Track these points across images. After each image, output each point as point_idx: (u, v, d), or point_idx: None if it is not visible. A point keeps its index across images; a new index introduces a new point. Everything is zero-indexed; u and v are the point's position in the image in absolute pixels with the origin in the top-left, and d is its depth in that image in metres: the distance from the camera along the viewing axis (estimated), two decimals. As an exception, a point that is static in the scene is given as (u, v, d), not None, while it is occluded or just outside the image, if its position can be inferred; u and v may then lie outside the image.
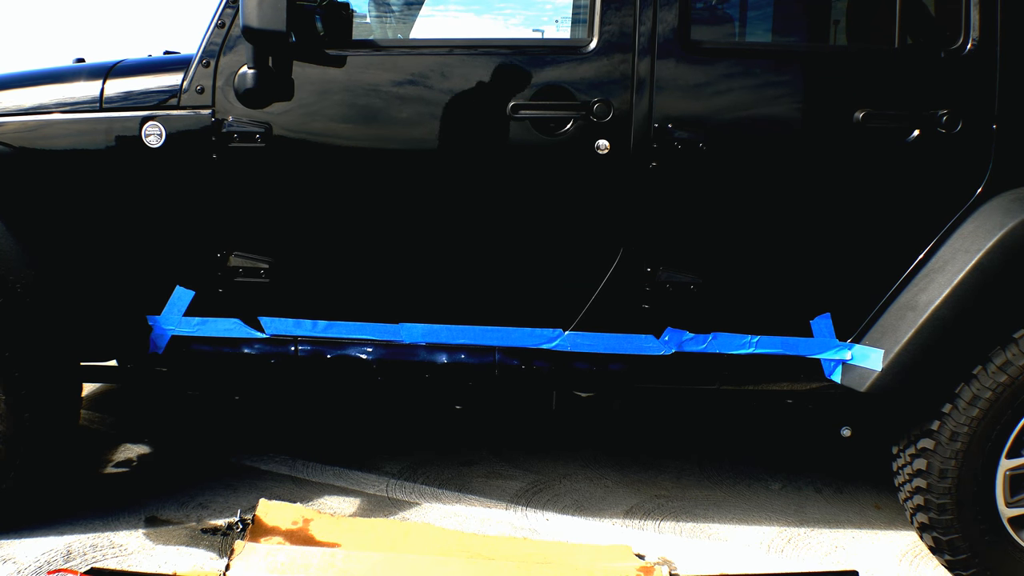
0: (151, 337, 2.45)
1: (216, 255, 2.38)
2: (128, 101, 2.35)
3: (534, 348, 2.39)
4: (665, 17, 2.22)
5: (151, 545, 2.45)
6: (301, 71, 2.28)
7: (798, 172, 2.28)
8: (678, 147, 2.23)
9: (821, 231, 2.30)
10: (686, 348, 2.37)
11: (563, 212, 2.31)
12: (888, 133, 2.22)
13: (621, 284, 2.33)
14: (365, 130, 2.32)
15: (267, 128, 2.29)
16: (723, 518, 2.73)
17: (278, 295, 2.40)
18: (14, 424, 2.33)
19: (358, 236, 2.38)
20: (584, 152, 2.25)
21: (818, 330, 2.34)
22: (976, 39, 2.20)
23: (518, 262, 2.34)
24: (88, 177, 2.36)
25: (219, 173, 2.32)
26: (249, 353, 2.45)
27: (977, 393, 2.18)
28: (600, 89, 2.24)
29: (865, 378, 2.27)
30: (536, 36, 6.11)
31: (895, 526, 2.70)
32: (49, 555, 2.37)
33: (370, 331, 2.41)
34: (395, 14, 3.54)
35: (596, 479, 2.97)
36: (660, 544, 2.56)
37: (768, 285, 2.35)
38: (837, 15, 3.02)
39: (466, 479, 2.94)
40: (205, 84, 2.30)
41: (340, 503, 2.74)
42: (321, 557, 2.29)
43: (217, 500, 2.72)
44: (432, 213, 2.35)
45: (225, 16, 2.28)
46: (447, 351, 2.42)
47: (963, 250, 2.18)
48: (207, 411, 3.43)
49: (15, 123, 2.37)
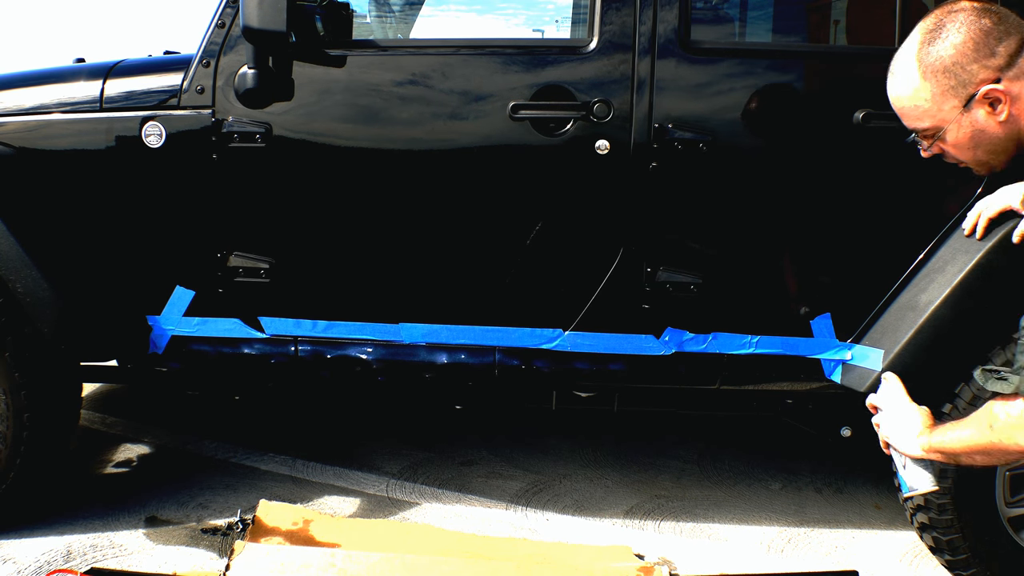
0: (151, 337, 2.45)
1: (216, 255, 2.38)
2: (128, 101, 2.35)
3: (534, 348, 2.39)
4: (665, 17, 2.22)
5: (151, 545, 2.45)
6: (301, 71, 2.28)
7: (798, 172, 2.28)
8: (678, 147, 2.23)
9: (821, 231, 2.30)
10: (686, 348, 2.36)
11: (563, 212, 2.31)
12: (888, 133, 2.22)
13: (621, 284, 2.33)
14: (365, 130, 2.32)
15: (267, 128, 2.29)
16: (723, 518, 2.73)
17: (278, 295, 2.40)
18: (14, 424, 2.33)
19: (358, 236, 2.38)
20: (584, 152, 2.25)
21: (818, 330, 2.34)
22: (976, 39, 2.19)
23: (518, 262, 2.34)
24: (88, 177, 2.36)
25: (219, 173, 2.32)
26: (249, 353, 2.45)
27: (977, 393, 2.18)
28: (600, 89, 2.24)
29: (865, 378, 2.26)
30: (536, 36, 6.11)
31: (895, 526, 2.70)
32: (49, 555, 2.37)
33: (370, 331, 2.41)
34: (395, 14, 3.55)
35: (596, 479, 2.97)
36: (660, 544, 2.56)
37: (768, 285, 2.35)
38: (837, 15, 3.02)
39: (466, 479, 2.94)
40: (205, 84, 2.30)
41: (340, 503, 2.74)
42: (321, 557, 2.29)
43: (217, 500, 2.72)
44: (432, 213, 2.35)
45: (225, 16, 2.28)
46: (447, 351, 2.42)
47: (963, 250, 2.17)
48: (207, 411, 3.43)
49: (15, 123, 2.37)
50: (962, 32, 1.46)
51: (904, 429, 1.72)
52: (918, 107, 1.52)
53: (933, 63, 1.48)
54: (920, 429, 1.69)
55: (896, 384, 1.80)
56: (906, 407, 1.74)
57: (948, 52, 1.47)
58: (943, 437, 1.62)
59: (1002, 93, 1.45)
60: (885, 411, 1.79)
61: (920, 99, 1.51)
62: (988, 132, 1.50)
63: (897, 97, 1.57)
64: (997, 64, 1.45)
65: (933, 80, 1.49)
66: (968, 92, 1.47)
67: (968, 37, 1.45)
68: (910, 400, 1.75)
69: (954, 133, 1.52)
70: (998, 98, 1.46)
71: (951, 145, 1.55)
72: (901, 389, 1.78)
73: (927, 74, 1.49)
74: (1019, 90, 1.46)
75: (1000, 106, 1.47)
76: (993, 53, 1.45)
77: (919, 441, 1.68)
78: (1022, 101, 1.46)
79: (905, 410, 1.74)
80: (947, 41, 1.47)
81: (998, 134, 1.49)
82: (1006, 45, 1.45)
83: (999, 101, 1.46)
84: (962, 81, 1.47)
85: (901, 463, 1.77)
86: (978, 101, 1.47)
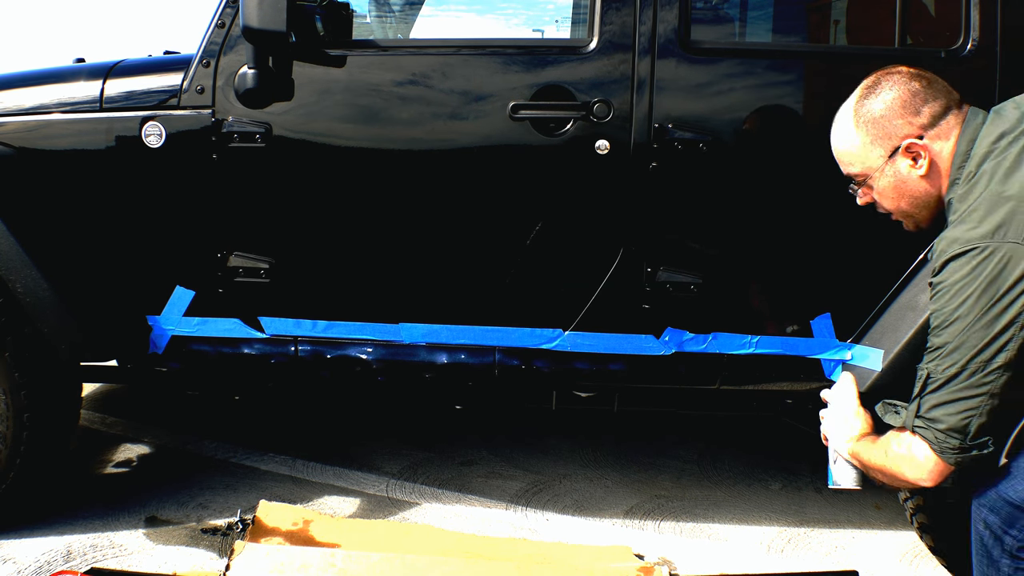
0: (151, 337, 2.45)
1: (216, 255, 2.38)
2: (128, 101, 2.35)
3: (534, 348, 2.39)
4: (665, 17, 2.22)
5: (151, 545, 2.45)
6: (301, 71, 2.28)
7: (798, 172, 2.28)
8: (678, 147, 2.23)
9: (821, 231, 2.30)
10: (686, 348, 2.36)
11: (563, 212, 2.31)
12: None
13: (621, 284, 2.33)
14: (365, 130, 2.32)
15: (267, 128, 2.29)
16: (723, 518, 2.73)
17: (278, 295, 2.40)
18: (14, 424, 2.33)
19: (358, 236, 2.38)
20: (584, 152, 2.25)
21: (818, 330, 2.34)
22: (976, 39, 2.20)
23: (518, 262, 2.34)
24: (88, 177, 2.36)
25: (219, 173, 2.32)
26: (249, 353, 2.45)
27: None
28: (600, 89, 2.24)
29: (865, 378, 2.26)
30: (536, 36, 6.11)
31: (895, 526, 2.70)
32: (49, 555, 2.37)
33: (370, 331, 2.41)
34: (395, 14, 3.54)
35: (596, 479, 2.97)
36: (660, 544, 2.56)
37: (768, 285, 2.35)
38: (837, 15, 3.02)
39: (466, 479, 2.94)
40: (205, 84, 2.30)
41: (340, 503, 2.74)
42: (321, 557, 2.29)
43: (217, 500, 2.72)
44: (432, 213, 2.35)
45: (225, 16, 2.28)
46: (447, 351, 2.42)
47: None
48: (207, 411, 3.43)
49: (15, 123, 2.37)
50: (894, 91, 1.63)
51: (843, 429, 1.82)
52: (850, 152, 1.69)
53: (866, 114, 1.65)
54: (856, 433, 1.79)
55: (850, 385, 1.89)
56: (851, 409, 1.84)
57: (879, 107, 1.63)
58: (862, 448, 1.74)
59: (923, 148, 1.60)
60: (832, 407, 1.88)
61: (852, 145, 1.68)
62: (910, 184, 1.64)
63: (835, 144, 1.73)
64: (921, 123, 1.61)
65: (864, 129, 1.65)
66: (893, 144, 1.63)
67: (898, 95, 1.62)
68: (859, 404, 1.84)
69: (879, 181, 1.67)
70: (920, 152, 1.61)
71: (878, 193, 1.69)
72: (854, 391, 1.87)
73: (859, 124, 1.66)
74: (939, 148, 1.60)
75: (921, 160, 1.61)
76: (918, 112, 1.61)
77: (844, 446, 1.80)
78: (942, 160, 1.61)
79: (849, 412, 1.83)
80: (880, 97, 1.64)
81: (919, 187, 1.64)
82: (931, 107, 1.61)
83: (920, 156, 1.61)
84: (888, 133, 1.63)
85: (833, 458, 1.86)
86: (901, 153, 1.62)
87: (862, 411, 1.82)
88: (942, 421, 1.49)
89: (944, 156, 1.60)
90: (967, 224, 1.50)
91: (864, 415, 1.82)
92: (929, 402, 1.52)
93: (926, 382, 1.52)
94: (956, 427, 1.48)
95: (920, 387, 1.54)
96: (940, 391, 1.50)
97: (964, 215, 1.52)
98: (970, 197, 1.53)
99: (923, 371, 1.54)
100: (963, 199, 1.54)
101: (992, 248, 1.44)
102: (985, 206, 1.49)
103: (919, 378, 1.55)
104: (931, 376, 1.52)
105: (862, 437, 1.76)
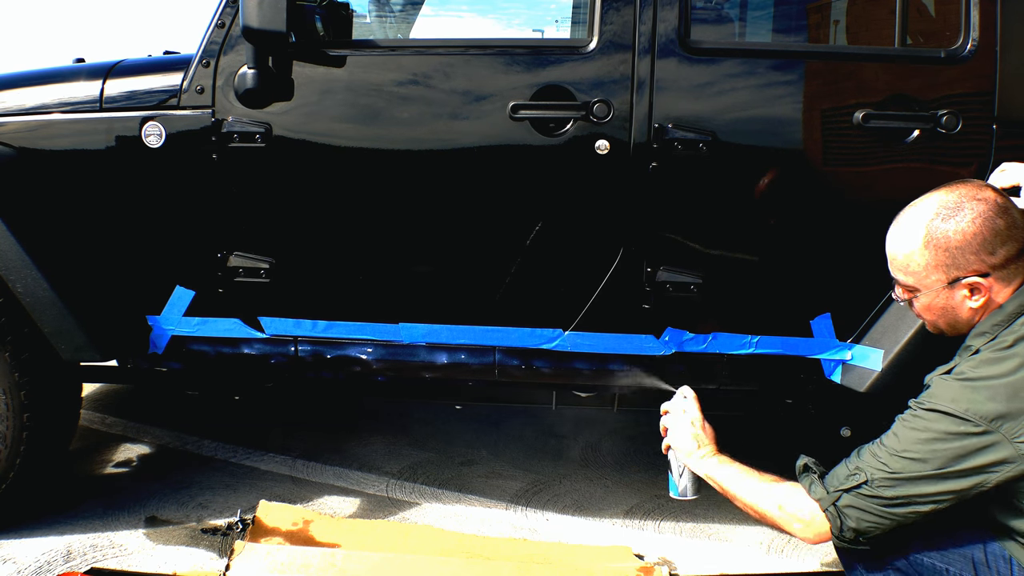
0: (151, 337, 2.45)
1: (216, 255, 2.38)
2: (128, 101, 2.35)
3: (534, 348, 2.39)
4: (665, 17, 2.22)
5: (151, 545, 2.45)
6: (301, 71, 2.28)
7: (798, 172, 2.28)
8: (678, 147, 2.23)
9: (821, 231, 2.30)
10: (686, 348, 2.36)
11: (563, 212, 2.31)
12: (888, 133, 2.22)
13: (621, 284, 2.33)
14: (365, 130, 2.32)
15: (267, 128, 2.29)
16: (723, 518, 2.73)
17: (278, 295, 2.40)
18: (14, 424, 2.34)
19: (358, 236, 2.38)
20: (584, 152, 2.25)
21: (818, 330, 2.34)
22: (976, 39, 2.20)
23: (518, 262, 2.34)
24: (88, 177, 2.36)
25: (219, 173, 2.32)
26: (249, 353, 2.45)
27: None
28: (600, 89, 2.24)
29: (865, 378, 2.27)
30: (536, 36, 6.11)
31: (895, 526, 2.70)
32: (49, 555, 2.37)
33: (370, 331, 2.41)
34: (395, 14, 3.55)
35: (596, 479, 2.97)
36: (660, 544, 2.56)
37: (768, 285, 2.35)
38: (837, 15, 3.03)
39: (466, 479, 2.94)
40: (205, 84, 2.30)
41: (340, 503, 2.74)
42: (321, 557, 2.29)
43: (217, 500, 2.72)
44: (432, 213, 2.35)
45: (225, 16, 2.28)
46: (447, 351, 2.42)
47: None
48: (207, 411, 3.43)
49: (15, 123, 2.37)
50: (975, 224, 1.57)
51: (690, 443, 1.87)
52: (908, 267, 1.65)
53: (938, 237, 1.59)
54: (705, 451, 1.85)
55: (692, 402, 1.93)
56: (697, 424, 1.89)
57: (956, 237, 1.58)
58: (724, 471, 1.78)
59: (986, 288, 1.59)
60: (675, 420, 1.92)
61: (913, 261, 1.63)
62: (958, 311, 1.63)
63: (895, 248, 1.68)
64: (993, 263, 1.57)
65: (931, 251, 1.60)
66: (956, 275, 1.60)
67: (980, 231, 1.56)
68: (703, 419, 1.89)
69: (928, 300, 1.65)
70: (980, 288, 1.59)
71: (922, 306, 1.68)
72: (696, 407, 1.91)
73: (928, 244, 1.61)
74: (999, 291, 1.59)
75: (978, 295, 1.60)
76: (993, 252, 1.57)
77: (700, 461, 1.84)
78: (995, 300, 1.60)
79: (695, 426, 1.88)
80: (959, 227, 1.58)
81: (964, 315, 1.63)
82: (1007, 248, 1.56)
83: (979, 291, 1.59)
84: (957, 264, 1.59)
85: (678, 469, 1.92)
86: (962, 285, 1.60)
87: (707, 425, 1.88)
88: (853, 522, 1.57)
89: (999, 299, 1.59)
90: (980, 391, 1.51)
91: (709, 430, 1.88)
92: (853, 503, 1.57)
93: (861, 484, 1.56)
94: (861, 530, 1.58)
95: (852, 479, 1.58)
96: (868, 502, 1.56)
97: (983, 379, 1.52)
98: (995, 368, 1.53)
99: (864, 470, 1.57)
100: (990, 363, 1.54)
101: (983, 430, 1.48)
102: (1004, 390, 1.49)
103: (853, 467, 1.58)
104: (869, 482, 1.56)
105: (715, 453, 1.83)
